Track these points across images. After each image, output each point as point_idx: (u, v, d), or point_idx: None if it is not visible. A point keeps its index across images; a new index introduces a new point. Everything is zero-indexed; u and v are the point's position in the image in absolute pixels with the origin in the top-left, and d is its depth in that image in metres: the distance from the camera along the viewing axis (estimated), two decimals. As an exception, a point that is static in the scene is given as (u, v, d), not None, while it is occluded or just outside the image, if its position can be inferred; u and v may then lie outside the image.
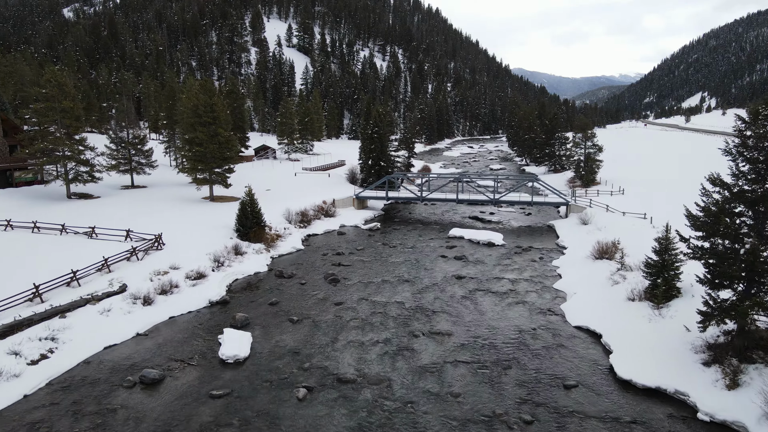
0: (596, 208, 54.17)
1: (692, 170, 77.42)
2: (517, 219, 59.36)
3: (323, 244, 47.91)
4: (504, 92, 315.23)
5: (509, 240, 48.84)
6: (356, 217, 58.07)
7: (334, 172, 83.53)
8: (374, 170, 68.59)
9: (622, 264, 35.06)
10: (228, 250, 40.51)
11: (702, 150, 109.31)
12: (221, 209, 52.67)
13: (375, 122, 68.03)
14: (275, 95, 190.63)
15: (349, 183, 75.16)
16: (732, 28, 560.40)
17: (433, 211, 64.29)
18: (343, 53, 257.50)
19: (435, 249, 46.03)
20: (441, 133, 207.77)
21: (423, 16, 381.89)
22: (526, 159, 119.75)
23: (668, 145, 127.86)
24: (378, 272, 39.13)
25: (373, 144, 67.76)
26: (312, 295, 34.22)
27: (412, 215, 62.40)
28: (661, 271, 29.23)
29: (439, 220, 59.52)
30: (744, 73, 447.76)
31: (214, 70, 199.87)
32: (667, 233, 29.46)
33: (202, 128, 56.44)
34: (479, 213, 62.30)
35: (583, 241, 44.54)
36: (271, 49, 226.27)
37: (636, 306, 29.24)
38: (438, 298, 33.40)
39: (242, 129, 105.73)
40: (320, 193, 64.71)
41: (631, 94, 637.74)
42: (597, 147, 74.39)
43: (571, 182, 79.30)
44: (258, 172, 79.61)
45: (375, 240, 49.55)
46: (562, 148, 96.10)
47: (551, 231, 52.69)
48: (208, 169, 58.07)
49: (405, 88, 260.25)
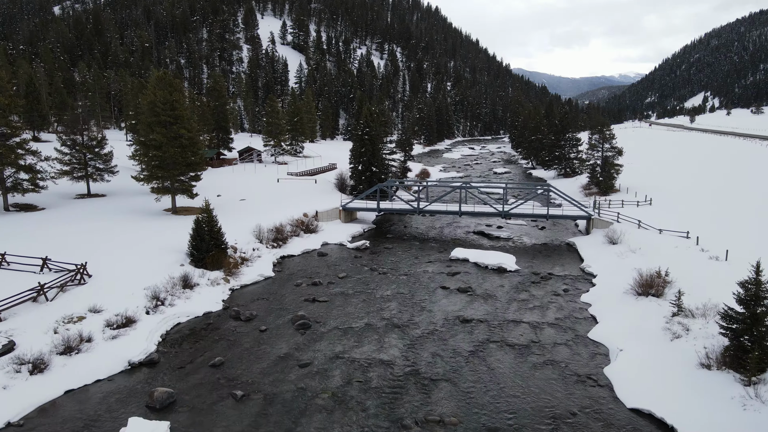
0: (624, 222, 45.84)
1: (719, 176, 69.32)
2: (529, 235, 51.02)
3: (298, 270, 39.53)
4: (505, 92, 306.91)
5: (523, 263, 40.53)
6: (342, 233, 49.73)
7: (322, 177, 75.22)
8: (365, 176, 60.28)
9: (679, 307, 26.72)
10: (174, 283, 32.18)
11: (723, 152, 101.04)
12: (182, 225, 44.16)
13: (366, 122, 59.73)
14: (267, 94, 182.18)
15: (337, 190, 66.85)
16: (734, 27, 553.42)
17: (432, 225, 55.95)
18: (339, 51, 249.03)
19: (434, 276, 37.69)
20: (441, 133, 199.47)
21: (422, 14, 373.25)
22: (532, 162, 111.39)
23: (683, 147, 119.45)
24: (361, 312, 30.79)
25: (363, 147, 59.44)
26: (272, 349, 25.87)
27: (408, 230, 54.07)
28: (750, 328, 20.93)
29: (439, 236, 51.19)
30: (747, 73, 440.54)
31: (204, 67, 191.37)
32: (758, 274, 21.13)
33: (161, 129, 48.11)
34: (485, 227, 53.98)
35: (616, 268, 36.23)
36: (264, 46, 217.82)
37: (715, 378, 20.92)
38: (438, 356, 25.05)
39: (225, 129, 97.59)
40: (303, 202, 56.41)
41: (632, 94, 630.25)
42: (616, 150, 66.09)
43: (585, 189, 71.00)
44: (237, 178, 71.29)
45: (362, 263, 41.19)
46: (574, 150, 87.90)
47: (572, 251, 44.36)
48: (169, 177, 49.72)
49: (403, 87, 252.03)
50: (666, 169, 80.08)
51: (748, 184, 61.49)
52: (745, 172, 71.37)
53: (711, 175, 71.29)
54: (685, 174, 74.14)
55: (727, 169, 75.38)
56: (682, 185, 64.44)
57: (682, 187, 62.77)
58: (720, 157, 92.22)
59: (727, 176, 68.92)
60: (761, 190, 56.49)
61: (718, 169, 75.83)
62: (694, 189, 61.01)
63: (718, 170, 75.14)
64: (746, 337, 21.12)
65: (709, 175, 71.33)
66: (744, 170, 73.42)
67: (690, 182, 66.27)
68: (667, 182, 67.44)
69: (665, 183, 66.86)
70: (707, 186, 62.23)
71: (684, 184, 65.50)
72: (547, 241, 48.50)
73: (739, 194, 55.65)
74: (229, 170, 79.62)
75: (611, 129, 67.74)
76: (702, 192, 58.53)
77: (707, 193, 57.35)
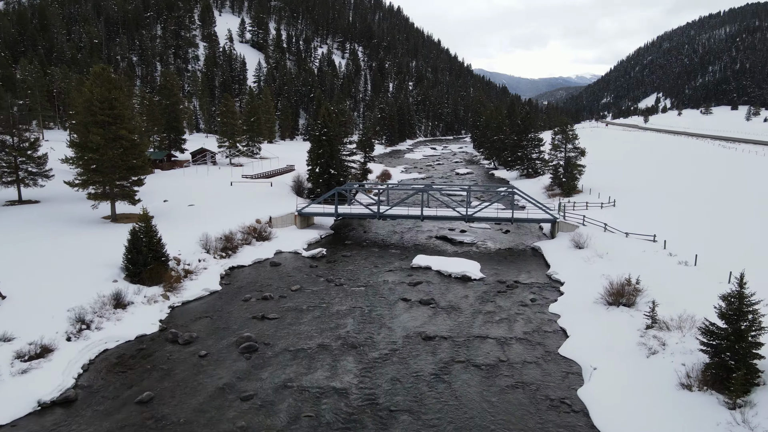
0: (590, 226, 44.55)
1: (678, 176, 69.58)
2: (493, 239, 49.25)
3: (248, 282, 36.46)
4: (466, 92, 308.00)
5: (488, 270, 38.58)
6: (298, 240, 46.80)
7: (279, 179, 71.89)
8: (323, 179, 57.43)
9: (653, 319, 25.10)
10: (103, 302, 28.72)
11: (678, 152, 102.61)
12: (121, 234, 40.16)
13: (324, 122, 56.87)
14: (224, 93, 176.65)
15: (294, 194, 63.74)
16: (684, 30, 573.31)
17: (394, 229, 53.60)
18: (299, 50, 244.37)
19: (394, 287, 35.29)
20: (402, 133, 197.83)
21: (384, 14, 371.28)
22: (494, 162, 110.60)
23: (641, 147, 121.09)
24: (315, 331, 28.09)
25: (321, 148, 56.56)
26: (211, 379, 22.91)
27: (368, 235, 51.53)
28: (733, 345, 19.30)
29: (401, 241, 48.85)
30: (697, 75, 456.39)
31: (157, 65, 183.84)
32: (742, 287, 19.52)
33: (98, 130, 44.12)
34: (448, 231, 51.97)
35: (584, 275, 34.67)
36: (222, 44, 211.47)
37: (697, 400, 19.19)
38: (398, 382, 22.62)
39: (178, 129, 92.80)
40: (257, 207, 53.15)
41: (588, 94, 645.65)
42: (579, 150, 65.30)
43: (548, 190, 70.11)
44: (187, 181, 67.24)
45: (317, 273, 38.43)
46: (536, 150, 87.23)
47: (538, 256, 42.73)
48: (108, 182, 45.72)
49: (365, 87, 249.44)
50: (626, 170, 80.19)
51: (705, 184, 61.66)
52: (701, 172, 71.96)
53: (669, 175, 71.53)
54: (645, 174, 74.24)
55: (684, 169, 75.94)
56: (643, 186, 64.16)
57: (644, 188, 62.45)
58: (676, 157, 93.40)
59: (684, 176, 69.23)
60: (718, 190, 56.54)
61: (676, 169, 76.34)
62: (655, 189, 60.72)
63: (675, 170, 75.62)
64: (728, 354, 19.50)
65: (668, 175, 71.57)
66: (700, 170, 74.10)
67: (650, 182, 66.13)
68: (628, 183, 67.14)
69: (626, 183, 66.52)
70: (667, 186, 62.09)
71: (645, 184, 65.27)
72: (511, 245, 46.82)
73: (697, 194, 55.50)
74: (180, 173, 75.39)
75: (574, 129, 66.98)
76: (663, 192, 58.19)
77: (668, 194, 57.02)
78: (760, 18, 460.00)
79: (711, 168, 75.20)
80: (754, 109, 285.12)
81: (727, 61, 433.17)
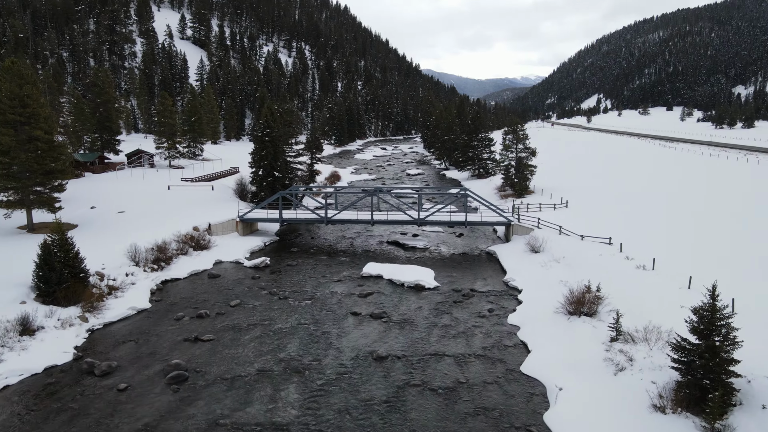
0: (545, 228, 43.47)
1: (624, 175, 70.47)
2: (447, 243, 47.49)
3: (182, 298, 33.06)
4: (416, 91, 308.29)
5: (442, 277, 36.67)
6: (240, 248, 43.49)
7: (222, 183, 67.88)
8: (267, 182, 54.14)
9: (617, 331, 23.70)
10: (7, 329, 24.84)
11: (626, 152, 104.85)
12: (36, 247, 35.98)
13: (267, 122, 53.56)
14: (161, 91, 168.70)
15: (237, 198, 60.08)
16: (622, 34, 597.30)
17: (343, 234, 51.01)
18: (244, 48, 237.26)
19: (343, 299, 32.79)
20: (352, 133, 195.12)
21: (331, 12, 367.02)
22: (445, 162, 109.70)
23: (588, 147, 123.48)
24: (255, 353, 25.23)
25: (264, 149, 53.25)
26: (130, 419, 19.70)
27: (315, 241, 48.74)
28: (708, 363, 17.90)
29: (350, 248, 46.33)
30: (634, 77, 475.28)
31: (90, 61, 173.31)
32: (714, 299, 18.18)
33: (8, 130, 39.38)
34: (400, 235, 49.86)
35: (542, 281, 33.28)
36: (160, 40, 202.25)
37: (673, 424, 17.70)
38: (347, 413, 20.14)
39: (110, 130, 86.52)
40: (196, 213, 49.36)
41: (534, 95, 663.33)
42: (530, 150, 64.74)
43: (500, 190, 69.32)
44: (120, 186, 62.31)
45: (260, 285, 35.42)
46: (487, 150, 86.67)
47: (493, 261, 41.22)
48: (23, 189, 40.98)
49: (313, 86, 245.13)
50: (575, 170, 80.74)
51: (652, 184, 62.39)
52: (647, 171, 73.20)
53: (617, 174, 72.29)
54: (594, 174, 74.81)
55: (631, 169, 77.10)
56: (593, 186, 64.29)
57: (594, 188, 62.54)
58: (622, 157, 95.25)
59: (631, 176, 70.07)
60: (666, 189, 57.13)
61: (623, 169, 77.40)
62: (605, 189, 60.85)
63: (622, 170, 76.63)
64: (702, 372, 18.12)
65: (616, 174, 72.31)
66: (645, 169, 75.43)
67: (600, 182, 66.42)
68: (578, 183, 67.23)
69: (576, 183, 66.56)
70: (616, 186, 62.39)
71: (595, 184, 65.46)
72: (466, 249, 45.16)
73: (646, 194, 55.84)
74: (114, 176, 70.03)
75: (524, 129, 66.39)
76: (613, 192, 58.31)
77: (618, 194, 57.11)
78: (691, 23, 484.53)
79: (656, 167, 76.63)
80: (688, 110, 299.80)
81: (661, 64, 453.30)
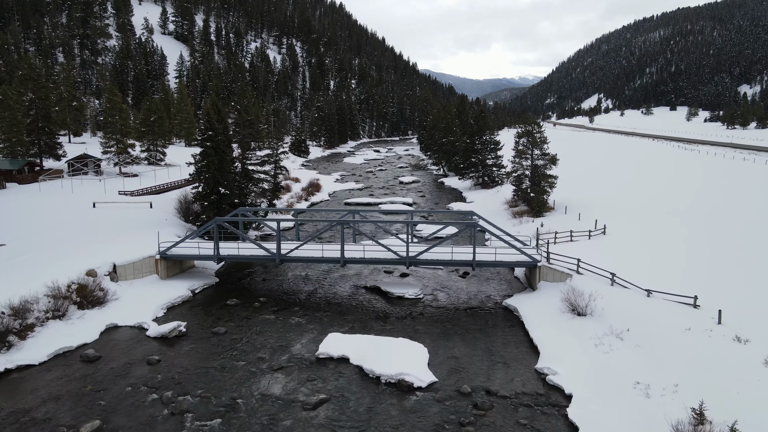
0: (588, 274, 30.45)
1: (667, 186, 56.91)
2: (447, 289, 34.46)
3: (12, 413, 20.06)
4: (413, 91, 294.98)
5: (440, 362, 23.76)
6: (153, 301, 30.48)
7: (170, 196, 54.81)
8: (210, 202, 41.10)
9: None
10: None
11: (646, 155, 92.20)
12: None
13: (210, 125, 40.53)
14: (139, 89, 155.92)
15: (182, 219, 47.10)
16: (621, 33, 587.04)
17: (307, 273, 37.98)
18: (230, 43, 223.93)
19: (283, 408, 19.87)
20: (343, 134, 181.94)
21: (325, 9, 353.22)
22: (443, 168, 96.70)
23: (602, 150, 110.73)
24: None
25: (206, 159, 40.20)
26: None
27: (267, 285, 35.69)
28: None
29: (313, 297, 33.31)
30: (635, 76, 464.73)
31: (59, 56, 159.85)
32: None
33: None
34: (384, 275, 36.95)
35: (603, 378, 20.43)
36: (138, 34, 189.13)
37: None
38: None
39: (50, 133, 73.25)
40: (111, 244, 36.39)
41: (533, 95, 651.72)
42: (549, 157, 51.91)
43: (511, 205, 56.54)
44: (35, 201, 49.28)
45: (155, 380, 22.43)
46: (492, 155, 73.87)
47: (514, 325, 28.25)
48: None
49: (303, 84, 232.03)
50: (596, 178, 67.99)
51: (700, 196, 49.64)
52: (686, 180, 60.50)
53: (651, 184, 59.57)
54: (622, 183, 62.03)
55: (664, 177, 64.41)
56: (626, 199, 51.53)
57: (628, 202, 49.80)
58: (645, 161, 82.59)
59: (669, 186, 57.35)
60: (725, 205, 44.35)
61: (655, 177, 64.61)
62: (643, 204, 48.07)
63: (654, 178, 63.86)
64: None
65: (649, 184, 59.58)
66: (683, 177, 62.72)
67: (634, 195, 53.64)
68: (606, 195, 54.46)
69: (604, 196, 53.82)
70: (658, 200, 49.63)
71: (628, 197, 52.71)
72: (474, 302, 32.19)
73: (699, 210, 43.09)
74: (35, 189, 56.96)
75: (542, 130, 53.51)
76: (656, 209, 45.51)
77: (663, 211, 44.31)
78: (692, 22, 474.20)
79: (697, 176, 63.92)
80: (693, 109, 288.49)
81: (662, 63, 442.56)
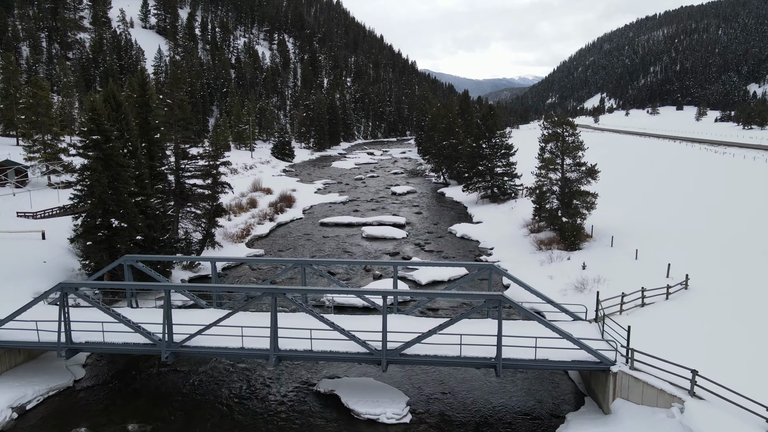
0: (707, 396, 17.04)
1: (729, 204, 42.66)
2: (453, 397, 20.94)
3: None
4: (411, 90, 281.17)
5: None
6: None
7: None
8: (95, 241, 27.57)
9: None
10: None
11: (674, 159, 78.74)
12: None
13: (96, 126, 27.23)
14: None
15: (78, 256, 33.66)
16: (623, 32, 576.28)
17: (231, 366, 24.54)
18: (215, 38, 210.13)
19: None
20: (336, 135, 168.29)
21: (321, 6, 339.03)
22: (443, 176, 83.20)
23: (632, 155, 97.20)
24: None
25: (90, 177, 26.82)
26: None
27: (154, 391, 22.17)
28: None
29: (222, 422, 19.86)
30: (639, 75, 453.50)
31: (23, 50, 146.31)
32: None
33: None
34: (348, 369, 23.49)
35: None
36: (114, 27, 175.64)
37: None
38: None
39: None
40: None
41: (534, 95, 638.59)
42: (587, 168, 38.55)
43: (532, 230, 43.18)
44: None
45: None
46: (503, 161, 60.58)
47: None
48: None
49: (295, 82, 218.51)
50: (635, 192, 54.65)
51: None
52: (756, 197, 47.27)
53: (713, 201, 46.32)
54: (673, 201, 48.73)
55: (728, 193, 51.18)
56: (691, 226, 38.20)
57: (696, 230, 36.50)
58: (685, 169, 69.31)
59: (739, 208, 44.10)
60: None
61: (715, 192, 51.19)
62: (719, 234, 34.74)
63: (716, 194, 50.44)
64: None
65: (711, 202, 46.31)
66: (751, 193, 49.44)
67: (698, 219, 40.31)
68: (658, 216, 41.20)
69: (656, 218, 40.58)
70: (735, 227, 36.30)
71: (690, 222, 39.39)
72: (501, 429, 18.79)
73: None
74: None
75: (576, 132, 40.01)
76: (741, 238, 32.20)
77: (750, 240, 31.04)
78: (696, 20, 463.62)
79: (747, 187, 50.63)
80: (701, 109, 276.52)
81: (667, 62, 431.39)
